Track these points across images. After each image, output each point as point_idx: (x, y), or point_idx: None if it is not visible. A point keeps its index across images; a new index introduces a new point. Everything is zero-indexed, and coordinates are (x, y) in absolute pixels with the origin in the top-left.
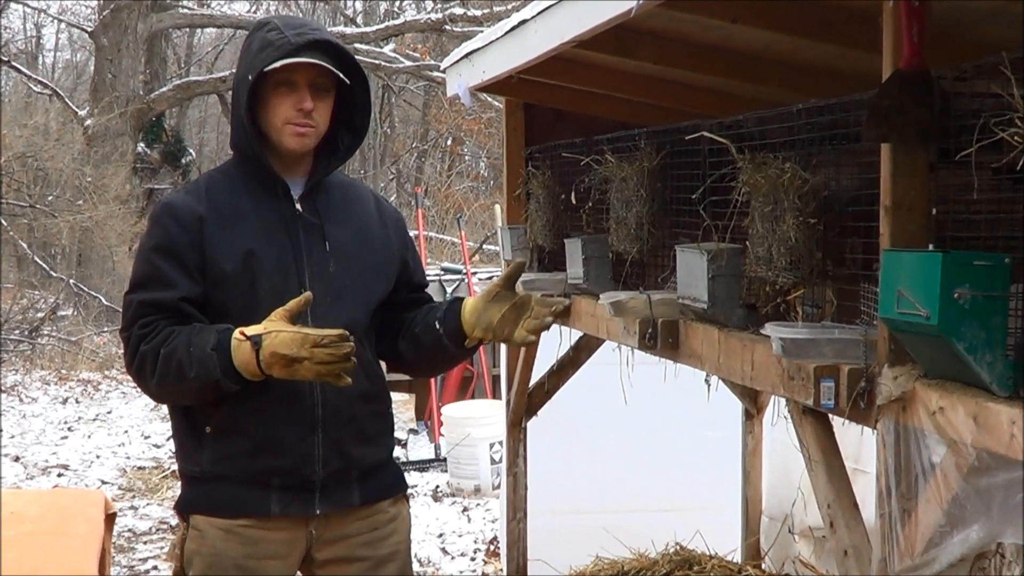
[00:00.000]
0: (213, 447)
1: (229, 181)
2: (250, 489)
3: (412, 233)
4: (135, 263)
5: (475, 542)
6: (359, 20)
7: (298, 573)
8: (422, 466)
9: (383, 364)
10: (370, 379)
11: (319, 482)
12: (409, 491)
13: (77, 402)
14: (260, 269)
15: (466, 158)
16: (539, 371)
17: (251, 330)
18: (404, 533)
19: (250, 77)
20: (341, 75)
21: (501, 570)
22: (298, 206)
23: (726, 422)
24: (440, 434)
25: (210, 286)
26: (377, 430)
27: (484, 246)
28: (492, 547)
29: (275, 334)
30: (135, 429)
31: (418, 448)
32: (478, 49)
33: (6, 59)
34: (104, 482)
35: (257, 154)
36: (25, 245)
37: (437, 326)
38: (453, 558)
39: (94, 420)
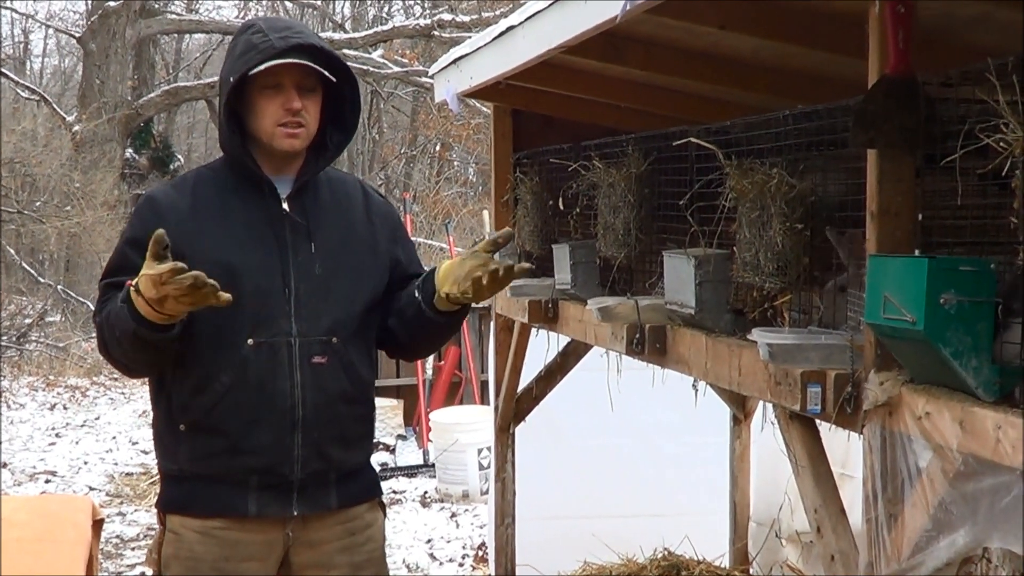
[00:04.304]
0: (191, 444)
1: (217, 179)
2: (228, 488)
3: None
4: (111, 254)
5: (463, 548)
6: (347, 26)
7: None
8: (410, 472)
9: (372, 366)
10: (352, 382)
11: (297, 482)
12: (384, 497)
13: (65, 408)
14: (244, 267)
15: (454, 164)
16: (527, 377)
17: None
18: (379, 540)
19: (231, 79)
20: (326, 73)
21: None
22: (285, 206)
23: (714, 427)
24: (428, 439)
25: None
26: (359, 434)
27: None
28: (480, 553)
29: (140, 278)
30: (123, 435)
31: (406, 454)
32: (466, 55)
33: None
34: (92, 488)
35: (241, 156)
36: (13, 251)
37: (416, 293)
38: (441, 564)
39: (82, 426)
